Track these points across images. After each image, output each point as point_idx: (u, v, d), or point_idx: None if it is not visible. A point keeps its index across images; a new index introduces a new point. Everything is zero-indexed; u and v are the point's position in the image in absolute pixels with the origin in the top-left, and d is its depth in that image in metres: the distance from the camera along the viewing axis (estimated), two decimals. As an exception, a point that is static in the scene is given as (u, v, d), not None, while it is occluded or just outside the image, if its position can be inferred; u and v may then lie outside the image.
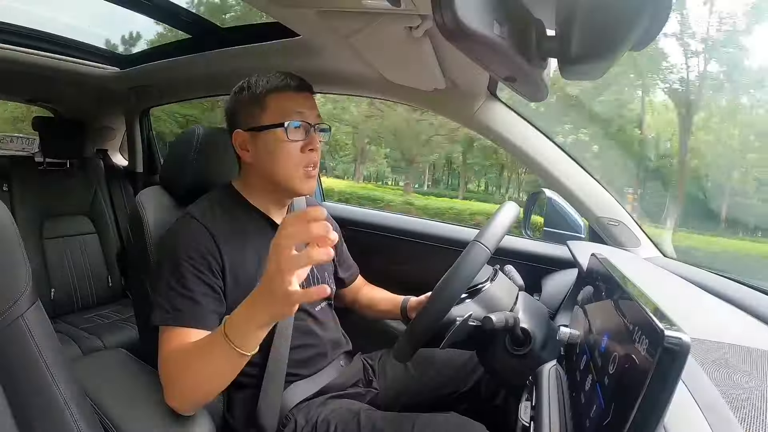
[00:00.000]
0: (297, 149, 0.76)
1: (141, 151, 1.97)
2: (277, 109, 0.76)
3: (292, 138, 0.75)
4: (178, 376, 0.64)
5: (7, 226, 0.51)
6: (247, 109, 0.78)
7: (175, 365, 0.65)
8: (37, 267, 1.58)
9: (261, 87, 0.77)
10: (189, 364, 0.63)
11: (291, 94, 0.77)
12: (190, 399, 0.65)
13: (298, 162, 0.76)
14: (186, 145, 0.88)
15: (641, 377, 0.35)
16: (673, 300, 0.72)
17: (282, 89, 0.77)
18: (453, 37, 0.37)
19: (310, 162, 0.77)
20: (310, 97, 0.80)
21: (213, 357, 0.61)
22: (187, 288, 0.69)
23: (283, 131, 0.74)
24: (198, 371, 0.62)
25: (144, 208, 0.84)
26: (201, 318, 0.68)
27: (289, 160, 0.76)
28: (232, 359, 0.59)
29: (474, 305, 0.79)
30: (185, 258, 0.70)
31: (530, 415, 0.58)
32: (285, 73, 0.78)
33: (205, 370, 0.62)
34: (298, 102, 0.77)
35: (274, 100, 0.76)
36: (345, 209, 1.51)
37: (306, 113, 0.77)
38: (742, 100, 8.10)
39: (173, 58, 1.38)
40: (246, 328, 0.57)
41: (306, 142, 0.77)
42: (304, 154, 0.76)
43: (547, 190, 1.20)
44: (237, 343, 0.57)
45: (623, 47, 0.40)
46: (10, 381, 0.49)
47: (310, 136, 0.77)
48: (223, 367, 0.61)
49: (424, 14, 0.68)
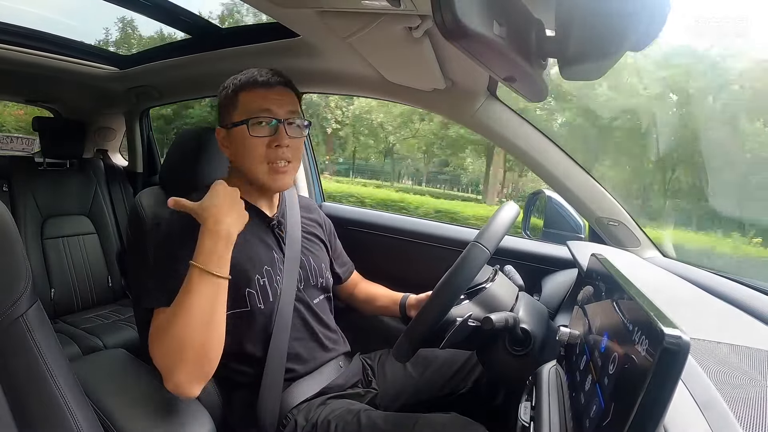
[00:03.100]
0: (261, 145, 0.77)
1: (141, 152, 1.97)
2: (244, 106, 0.78)
3: (255, 134, 0.76)
4: (171, 337, 0.62)
5: (7, 226, 0.51)
6: (224, 108, 0.81)
7: (164, 331, 0.63)
8: (37, 267, 1.58)
9: (234, 85, 0.79)
10: (176, 317, 0.62)
11: (259, 90, 0.78)
12: (189, 365, 0.62)
13: (263, 158, 0.78)
14: (186, 145, 0.88)
15: (641, 377, 0.34)
16: (672, 300, 0.73)
17: (251, 86, 0.78)
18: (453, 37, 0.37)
19: (277, 158, 0.78)
20: (284, 92, 0.80)
21: (193, 297, 0.63)
22: (180, 269, 0.68)
23: (246, 128, 0.76)
24: (185, 319, 0.62)
25: (144, 208, 0.84)
26: None
27: (254, 156, 0.77)
28: (211, 287, 0.64)
29: (474, 305, 0.79)
30: (177, 242, 0.71)
31: (530, 415, 0.58)
32: (261, 70, 0.80)
33: (192, 314, 0.62)
34: (266, 98, 0.78)
35: (244, 97, 0.78)
36: (345, 209, 1.51)
37: (273, 110, 0.78)
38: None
39: (173, 58, 1.39)
40: (212, 251, 0.65)
41: (271, 139, 0.77)
42: (271, 149, 0.77)
43: (547, 190, 1.20)
44: (211, 267, 0.64)
45: (623, 47, 0.40)
46: (10, 381, 0.49)
47: (278, 133, 0.77)
48: (206, 301, 0.63)
49: (424, 14, 0.68)
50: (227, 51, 1.19)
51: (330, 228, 1.04)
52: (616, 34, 0.40)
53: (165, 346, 0.63)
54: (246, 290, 0.77)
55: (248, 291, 0.78)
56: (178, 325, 0.62)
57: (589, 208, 1.07)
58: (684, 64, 7.95)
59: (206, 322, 0.63)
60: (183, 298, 0.63)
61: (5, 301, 0.49)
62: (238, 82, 0.79)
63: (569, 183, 1.06)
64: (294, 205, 0.93)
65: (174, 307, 0.64)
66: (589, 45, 0.41)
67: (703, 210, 6.05)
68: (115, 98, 1.77)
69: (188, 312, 0.62)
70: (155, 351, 0.64)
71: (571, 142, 9.34)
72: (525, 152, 1.05)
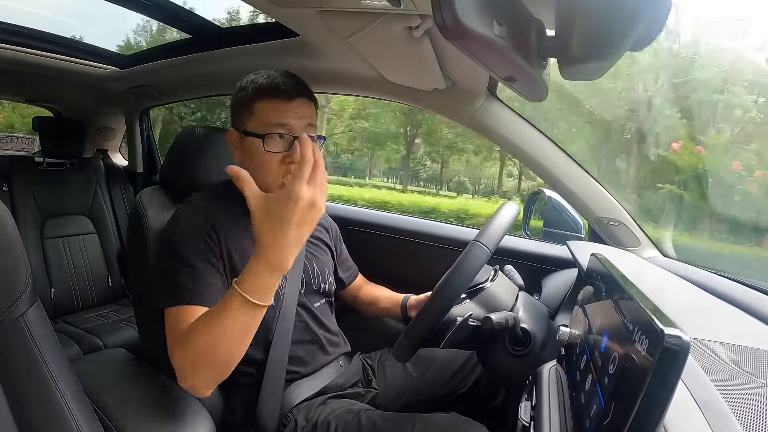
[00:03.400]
0: (276, 161, 0.74)
1: (141, 151, 1.97)
2: (261, 117, 0.74)
3: (270, 149, 0.73)
4: (193, 352, 0.61)
5: (7, 226, 0.51)
6: (239, 110, 0.77)
7: (189, 340, 0.61)
8: (37, 267, 1.58)
9: (252, 90, 0.75)
10: (203, 334, 0.60)
11: (278, 102, 0.74)
12: (211, 373, 0.62)
13: (276, 174, 0.74)
14: (186, 145, 0.88)
15: (641, 377, 0.34)
16: (673, 300, 0.73)
17: (270, 95, 0.74)
18: (453, 37, 0.37)
19: (289, 173, 0.74)
20: (304, 104, 0.76)
21: (228, 318, 0.59)
22: (190, 266, 0.68)
23: (261, 143, 0.73)
24: (214, 340, 0.60)
25: (144, 207, 0.84)
26: (205, 295, 0.67)
27: (267, 172, 0.74)
28: (249, 315, 0.59)
29: (474, 305, 0.79)
30: (186, 239, 0.70)
31: (530, 415, 0.58)
32: (281, 74, 0.76)
33: (222, 337, 0.59)
34: (285, 112, 0.73)
35: (261, 107, 0.74)
36: (345, 209, 1.51)
37: (292, 125, 0.74)
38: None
39: (173, 58, 1.38)
40: (263, 284, 0.58)
41: (285, 155, 0.74)
42: (284, 165, 0.74)
43: (546, 190, 1.20)
44: (255, 296, 0.57)
45: (623, 47, 0.40)
46: (10, 381, 0.49)
47: (293, 148, 0.73)
48: (241, 328, 0.59)
49: (424, 14, 0.68)
50: (227, 51, 1.19)
51: (336, 232, 1.03)
52: (617, 34, 0.40)
53: (187, 354, 0.61)
54: None
55: None
56: (206, 341, 0.60)
57: (589, 208, 1.07)
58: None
59: (237, 343, 0.61)
60: (216, 320, 0.60)
61: (5, 301, 0.49)
62: (257, 87, 0.74)
63: (569, 183, 1.06)
64: None
65: (204, 323, 0.61)
66: (589, 45, 0.41)
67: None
68: (115, 98, 1.77)
69: (220, 333, 0.59)
70: (174, 354, 0.63)
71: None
72: (525, 152, 1.05)
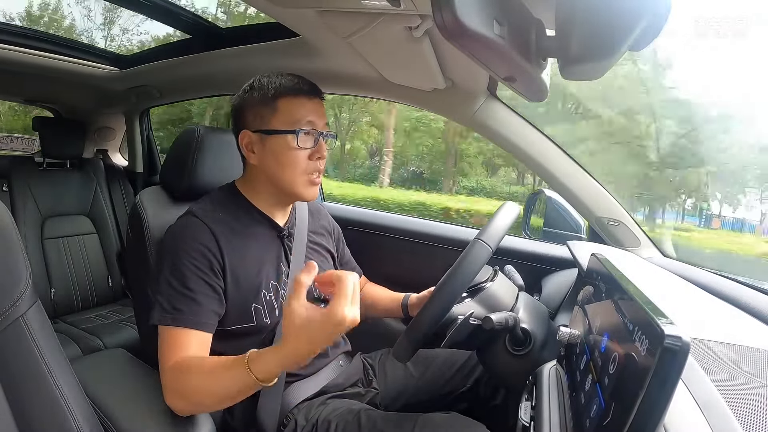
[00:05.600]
0: (305, 157, 0.76)
1: (141, 151, 1.97)
2: (288, 113, 0.75)
3: (302, 146, 0.75)
4: (187, 386, 0.64)
5: (7, 226, 0.51)
6: (256, 110, 0.76)
7: (186, 374, 0.64)
8: (37, 267, 1.58)
9: (273, 89, 0.75)
10: (201, 379, 0.63)
11: (303, 99, 0.76)
12: (193, 408, 0.65)
13: (305, 169, 0.76)
14: (186, 145, 0.88)
15: (641, 377, 0.35)
16: (673, 299, 0.73)
17: (295, 93, 0.75)
18: (453, 37, 0.37)
19: (316, 169, 0.77)
20: (321, 104, 0.79)
21: (228, 380, 0.61)
22: (187, 287, 0.69)
23: (294, 138, 0.74)
24: (209, 389, 0.62)
25: (144, 208, 0.84)
26: (200, 319, 0.68)
27: (297, 167, 0.75)
28: (249, 386, 0.60)
29: (474, 305, 0.79)
30: (186, 256, 0.70)
31: (530, 415, 0.58)
32: (297, 77, 0.78)
33: (218, 390, 0.62)
34: (309, 109, 0.76)
35: (285, 104, 0.75)
36: (345, 209, 1.51)
37: (315, 121, 0.76)
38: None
39: (173, 58, 1.38)
40: (274, 371, 0.59)
41: (314, 150, 0.76)
42: (312, 161, 0.76)
43: (547, 190, 1.20)
44: (260, 377, 0.58)
45: (623, 47, 0.40)
46: (11, 381, 0.49)
47: (319, 144, 0.77)
48: (238, 391, 0.61)
49: (424, 14, 0.68)
50: (227, 51, 1.19)
51: (339, 235, 1.02)
52: (617, 34, 0.40)
53: (178, 386, 0.64)
54: (253, 305, 0.76)
55: (255, 306, 0.77)
56: (202, 384, 0.63)
57: (589, 208, 1.07)
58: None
59: (231, 399, 0.63)
60: (218, 375, 0.62)
61: (5, 302, 0.49)
62: (279, 85, 0.75)
63: (569, 183, 1.06)
64: (303, 215, 0.91)
65: (204, 370, 0.63)
66: (589, 45, 0.41)
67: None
68: (115, 98, 1.77)
69: (216, 385, 0.62)
70: (165, 375, 0.66)
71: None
72: (525, 152, 1.05)
